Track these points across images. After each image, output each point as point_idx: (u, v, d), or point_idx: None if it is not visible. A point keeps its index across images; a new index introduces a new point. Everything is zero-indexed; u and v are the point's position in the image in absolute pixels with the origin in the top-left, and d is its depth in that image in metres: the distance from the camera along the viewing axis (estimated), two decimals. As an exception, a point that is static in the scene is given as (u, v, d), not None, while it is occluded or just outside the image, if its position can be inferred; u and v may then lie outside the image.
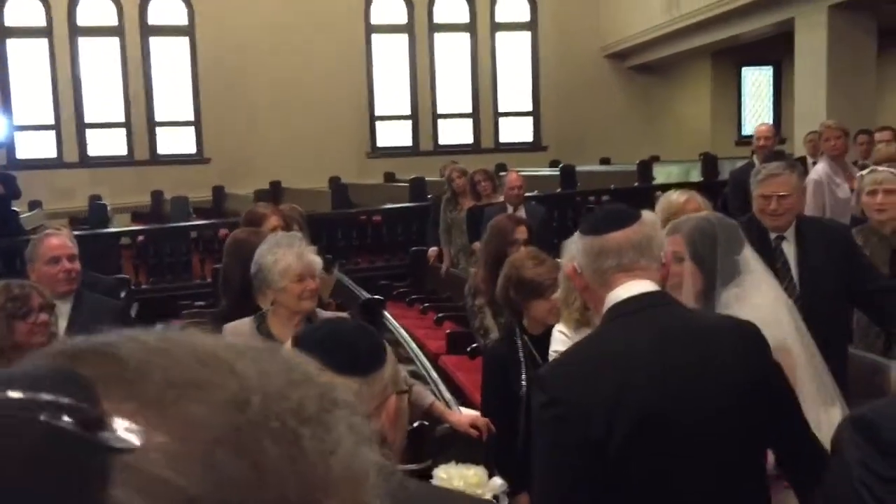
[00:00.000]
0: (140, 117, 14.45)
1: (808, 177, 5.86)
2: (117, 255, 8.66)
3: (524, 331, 3.14)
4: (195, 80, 14.60)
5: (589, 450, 1.74)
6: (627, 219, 1.86)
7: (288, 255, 2.88)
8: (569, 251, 2.80)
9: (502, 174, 9.37)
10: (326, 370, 1.18)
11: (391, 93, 15.48)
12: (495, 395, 3.19)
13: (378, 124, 15.50)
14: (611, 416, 1.74)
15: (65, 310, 3.20)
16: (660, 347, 1.81)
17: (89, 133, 14.41)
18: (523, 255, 3.22)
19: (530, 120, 16.11)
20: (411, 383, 3.06)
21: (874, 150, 6.34)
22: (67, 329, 3.10)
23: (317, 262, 2.96)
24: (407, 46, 15.49)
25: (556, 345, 2.82)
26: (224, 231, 8.33)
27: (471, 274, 4.42)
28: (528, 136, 16.12)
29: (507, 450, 3.02)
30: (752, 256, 2.53)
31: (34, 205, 12.09)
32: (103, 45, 14.35)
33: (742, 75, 16.74)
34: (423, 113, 15.62)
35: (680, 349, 1.82)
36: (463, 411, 3.42)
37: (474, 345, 4.73)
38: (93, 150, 14.44)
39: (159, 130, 14.67)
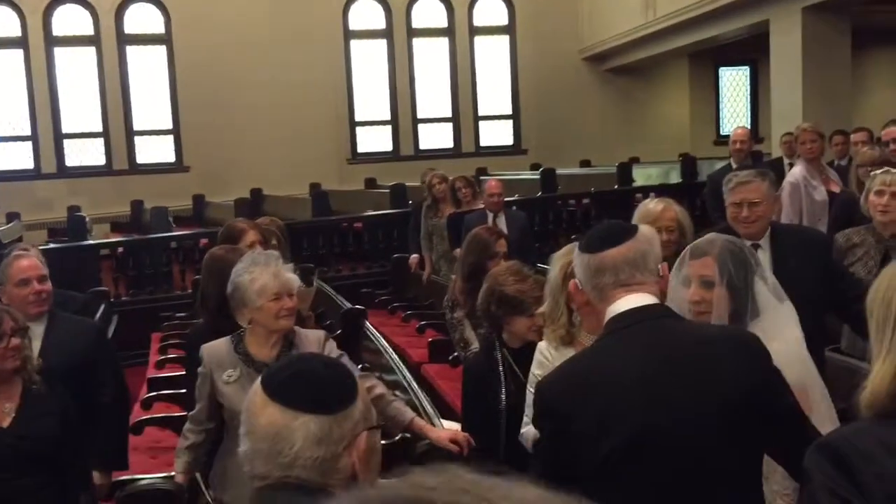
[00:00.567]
0: (118, 126, 14.35)
1: (784, 180, 5.91)
2: (96, 267, 8.58)
3: (504, 344, 3.14)
4: (173, 89, 14.52)
5: (579, 461, 1.80)
6: (623, 235, 1.92)
7: (264, 274, 2.86)
8: (557, 264, 2.80)
9: (483, 178, 9.41)
10: (294, 409, 1.18)
11: (371, 98, 15.46)
12: (476, 409, 3.18)
13: (358, 130, 15.48)
14: (602, 429, 1.78)
15: (38, 332, 3.16)
16: (654, 361, 1.83)
17: (67, 143, 14.29)
18: (506, 269, 3.21)
19: (510, 123, 16.14)
20: (391, 399, 3.06)
21: (853, 151, 6.38)
22: (42, 352, 3.07)
23: (293, 280, 2.94)
24: (386, 51, 15.48)
25: (536, 367, 2.82)
26: (205, 241, 8.29)
27: (449, 286, 4.41)
28: (508, 140, 16.14)
29: (487, 462, 3.02)
30: (768, 282, 2.43)
31: (12, 216, 11.99)
32: (79, 54, 14.24)
33: (719, 75, 16.84)
34: (404, 118, 15.62)
35: (675, 362, 1.83)
36: (444, 425, 3.42)
37: (456, 353, 4.73)
38: (71, 161, 14.33)
39: (138, 139, 14.57)
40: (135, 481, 3.21)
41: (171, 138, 14.67)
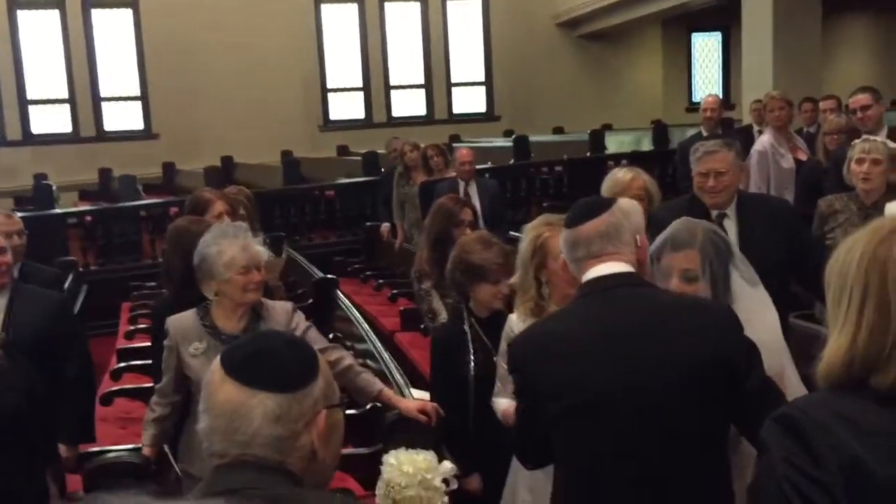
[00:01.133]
0: (84, 93, 14.08)
1: (752, 148, 5.94)
2: (64, 237, 8.46)
3: (472, 314, 3.14)
4: (140, 54, 14.25)
5: (538, 415, 1.93)
6: (597, 210, 2.01)
7: (233, 247, 2.84)
8: (528, 236, 2.81)
9: (456, 146, 9.37)
10: (252, 386, 1.17)
11: (343, 64, 15.29)
12: (445, 379, 3.19)
13: (330, 96, 15.32)
14: (560, 387, 1.87)
15: (1, 305, 3.12)
16: (615, 324, 1.88)
17: (32, 110, 14.01)
18: (473, 238, 3.22)
19: (483, 90, 16.05)
20: (359, 370, 3.06)
21: (822, 119, 6.42)
22: (3, 325, 3.03)
23: (262, 252, 2.92)
24: (357, 17, 15.28)
25: (504, 341, 2.83)
26: (175, 209, 8.18)
27: (416, 257, 4.40)
28: (481, 107, 16.06)
29: (457, 432, 3.04)
30: (742, 268, 2.41)
31: (-24, 185, 11.78)
32: (43, 18, 13.90)
33: (692, 42, 16.83)
34: (376, 84, 15.47)
35: (636, 325, 1.87)
36: (414, 394, 3.44)
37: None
38: (36, 128, 14.05)
39: (105, 106, 14.32)
40: (104, 453, 3.20)
41: (139, 105, 14.43)
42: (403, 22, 15.53)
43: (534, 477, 2.58)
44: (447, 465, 2.75)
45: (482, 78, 16.00)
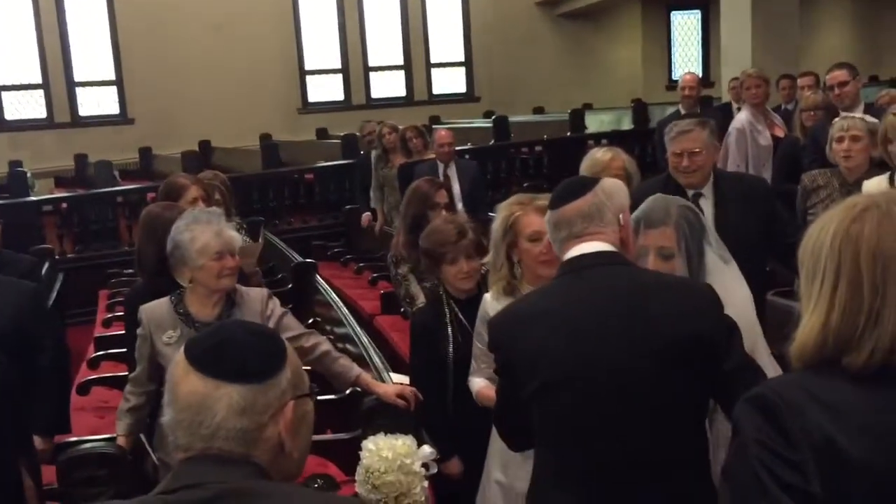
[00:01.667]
0: (58, 78, 13.87)
1: (730, 125, 5.94)
2: (39, 224, 8.35)
3: (450, 296, 3.13)
4: (114, 37, 14.03)
5: (518, 392, 1.95)
6: (580, 190, 2.01)
7: (206, 233, 2.80)
8: (500, 215, 2.79)
9: (436, 127, 9.32)
10: (216, 378, 1.15)
11: (321, 46, 15.15)
12: (424, 362, 3.18)
13: (308, 79, 15.18)
14: (535, 363, 1.90)
15: (-29, 296, 3.06)
16: (592, 300, 1.90)
17: (5, 95, 13.79)
18: (434, 223, 3.22)
19: (463, 71, 15.96)
20: (337, 356, 3.04)
21: (799, 96, 6.43)
22: (-26, 316, 2.97)
23: (236, 238, 2.89)
24: (335, -3, 15.15)
25: (479, 322, 2.83)
26: (152, 195, 8.08)
27: (392, 242, 4.37)
28: (461, 88, 15.99)
29: (437, 415, 3.03)
30: (715, 245, 2.44)
31: (-52, 172, 11.58)
32: (15, 1, 13.65)
33: (671, 20, 16.81)
34: (355, 66, 15.35)
35: (614, 302, 1.88)
36: (393, 378, 3.42)
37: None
38: (10, 114, 13.84)
39: (80, 91, 14.11)
40: (80, 443, 3.16)
41: (114, 89, 14.24)
42: (382, 2, 15.39)
43: (507, 455, 2.59)
44: (426, 449, 2.75)
45: (462, 58, 15.91)
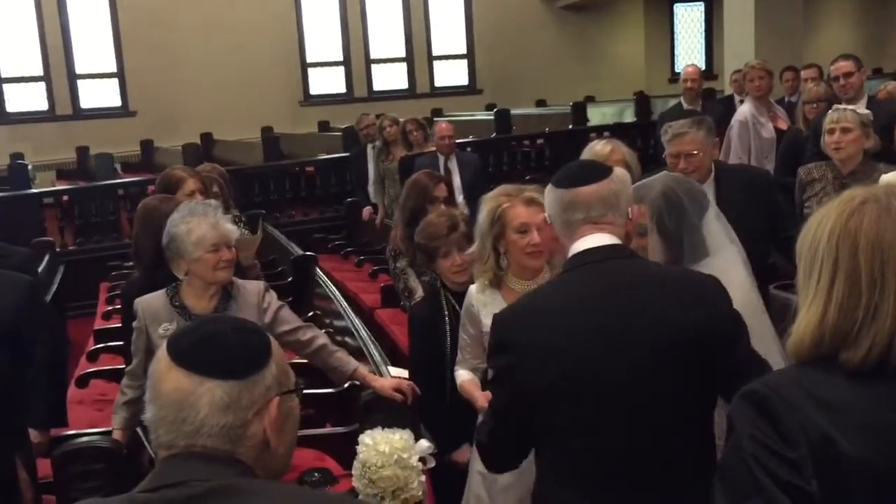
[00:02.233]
0: (59, 70, 13.85)
1: (733, 118, 5.91)
2: (40, 217, 8.35)
3: (447, 289, 3.12)
4: (116, 29, 14.01)
5: (522, 394, 1.85)
6: (597, 174, 1.95)
7: (202, 225, 2.79)
8: (486, 207, 2.77)
9: (437, 120, 9.29)
10: (199, 374, 1.12)
11: (322, 38, 15.10)
12: (423, 356, 3.17)
13: (310, 71, 15.15)
14: (544, 365, 1.82)
15: (-33, 289, 3.05)
16: (605, 297, 1.85)
17: (7, 88, 13.78)
18: (426, 218, 3.21)
19: (465, 63, 15.91)
20: (334, 349, 3.02)
21: (802, 88, 6.39)
22: (-30, 309, 2.96)
23: (232, 230, 2.87)
24: (336, -11, 15.10)
25: (463, 314, 2.83)
26: (153, 187, 8.07)
27: (391, 235, 4.35)
28: (463, 80, 15.94)
29: (436, 409, 3.02)
30: (717, 224, 2.43)
31: (-50, 164, 11.58)
32: (15, -7, 13.65)
33: (674, 12, 16.74)
34: (356, 58, 15.31)
35: (625, 298, 1.85)
36: (392, 372, 3.40)
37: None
38: (11, 106, 13.82)
39: (81, 83, 14.09)
40: (76, 437, 3.15)
41: (115, 82, 14.21)
42: (383, -6, 15.35)
43: None
44: (424, 443, 2.74)
45: (464, 51, 15.86)
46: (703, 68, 9.15)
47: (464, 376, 2.85)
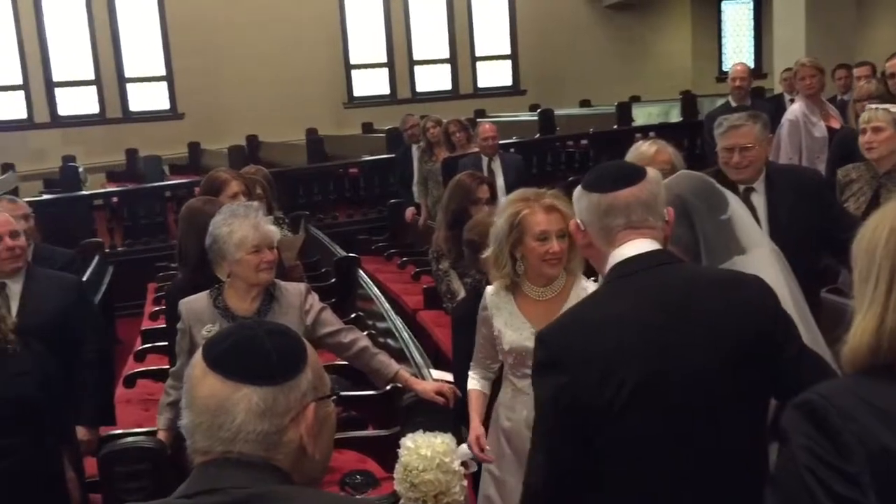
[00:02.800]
0: (110, 74, 14.12)
1: (783, 117, 5.78)
2: (90, 218, 8.52)
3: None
4: (164, 34, 14.24)
5: (583, 411, 1.73)
6: (635, 176, 1.86)
7: (244, 226, 2.80)
8: (504, 213, 2.73)
9: (480, 121, 9.26)
10: (235, 380, 1.11)
11: (366, 40, 15.17)
12: (465, 357, 3.14)
13: (354, 73, 15.22)
14: (607, 378, 1.72)
15: (16, 289, 3.11)
16: (661, 307, 1.78)
17: (59, 92, 14.09)
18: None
19: (509, 63, 15.85)
20: (375, 352, 3.01)
21: (854, 86, 6.23)
22: (20, 310, 3.02)
23: (274, 231, 2.88)
24: (380, -9, 15.16)
25: (480, 315, 2.80)
26: (199, 189, 8.19)
27: (433, 237, 4.33)
28: (507, 81, 15.87)
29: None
30: (742, 220, 2.33)
31: (7, 167, 11.88)
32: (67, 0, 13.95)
33: (721, 10, 16.48)
34: (400, 60, 15.34)
35: (682, 307, 1.78)
36: (434, 375, 3.38)
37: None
38: (63, 110, 14.13)
39: (130, 87, 14.35)
40: (123, 436, 3.19)
41: (164, 85, 14.45)
42: (427, -5, 15.37)
43: (500, 450, 2.65)
44: (465, 447, 2.71)
45: (507, 51, 15.79)
46: (752, 67, 8.95)
47: (474, 386, 2.83)
